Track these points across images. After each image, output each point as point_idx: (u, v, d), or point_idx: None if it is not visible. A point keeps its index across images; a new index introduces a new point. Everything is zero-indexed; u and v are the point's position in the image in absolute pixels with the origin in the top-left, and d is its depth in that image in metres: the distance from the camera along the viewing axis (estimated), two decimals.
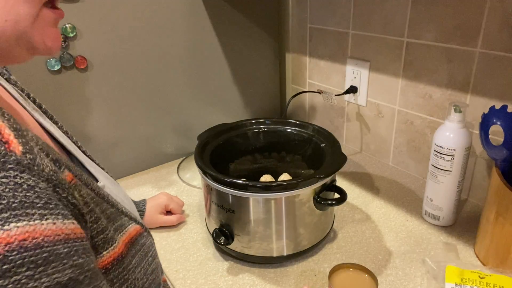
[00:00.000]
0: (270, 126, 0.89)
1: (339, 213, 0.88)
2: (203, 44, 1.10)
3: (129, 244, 0.41)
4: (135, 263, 0.41)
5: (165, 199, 0.86)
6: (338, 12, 1.07)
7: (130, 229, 0.42)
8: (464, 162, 0.76)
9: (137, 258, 0.42)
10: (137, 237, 0.43)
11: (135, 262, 0.41)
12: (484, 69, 0.81)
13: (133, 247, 0.42)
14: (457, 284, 0.64)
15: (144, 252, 0.43)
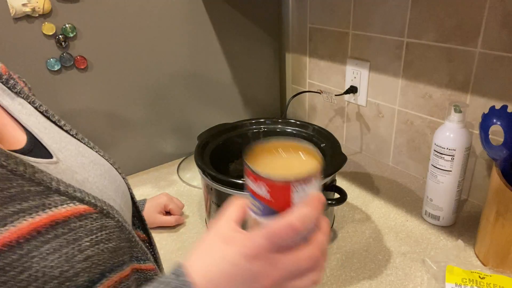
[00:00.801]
0: (270, 126, 0.89)
1: (339, 213, 0.88)
2: (203, 44, 1.10)
3: (45, 226, 0.37)
4: (50, 249, 0.37)
5: (165, 199, 0.86)
6: (338, 12, 1.07)
7: (59, 210, 0.39)
8: (464, 162, 0.76)
9: (57, 243, 0.38)
10: (67, 219, 0.39)
11: (51, 248, 0.37)
12: (484, 69, 0.81)
13: (54, 230, 0.38)
14: (457, 284, 0.64)
15: (76, 236, 0.39)
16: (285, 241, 0.36)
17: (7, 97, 0.46)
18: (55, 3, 0.85)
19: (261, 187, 0.37)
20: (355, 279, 0.70)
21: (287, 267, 0.36)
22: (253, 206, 0.39)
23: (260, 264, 0.36)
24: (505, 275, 0.65)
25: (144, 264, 0.50)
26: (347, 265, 0.74)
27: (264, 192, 0.37)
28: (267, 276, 0.36)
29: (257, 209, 0.38)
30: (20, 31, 0.83)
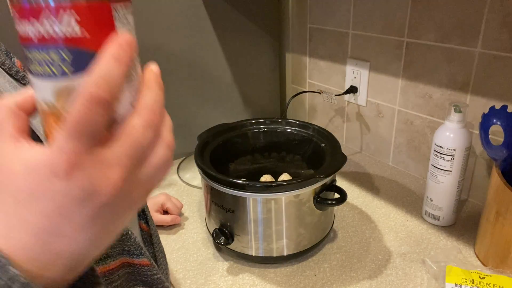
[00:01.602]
0: (270, 126, 0.89)
1: (339, 213, 0.88)
2: (203, 44, 1.10)
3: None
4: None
5: (163, 198, 0.86)
6: (338, 12, 1.07)
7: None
8: (464, 162, 0.76)
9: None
10: None
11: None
12: (484, 69, 0.80)
13: None
14: (457, 284, 0.64)
15: None
16: (97, 123, 0.23)
17: (13, 90, 0.47)
18: None
19: (61, 19, 0.23)
20: (355, 279, 0.70)
21: (120, 158, 0.25)
22: (46, 68, 0.24)
23: (84, 176, 0.24)
24: (505, 275, 0.65)
25: (138, 259, 0.49)
26: (347, 265, 0.74)
27: (67, 24, 0.23)
28: (105, 185, 0.24)
29: (55, 69, 0.24)
30: None
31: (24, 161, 0.24)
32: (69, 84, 0.24)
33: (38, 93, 0.25)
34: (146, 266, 0.50)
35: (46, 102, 0.25)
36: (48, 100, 0.25)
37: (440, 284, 0.66)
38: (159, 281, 0.51)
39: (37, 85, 0.25)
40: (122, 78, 0.24)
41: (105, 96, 0.23)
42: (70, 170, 0.23)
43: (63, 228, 0.25)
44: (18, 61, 0.52)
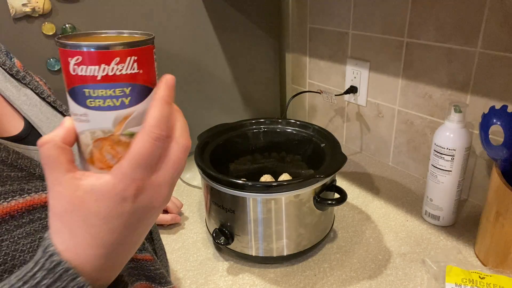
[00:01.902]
0: (270, 126, 0.89)
1: (339, 213, 0.88)
2: (203, 44, 1.09)
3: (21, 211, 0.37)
4: (23, 233, 0.36)
5: None
6: (338, 12, 1.07)
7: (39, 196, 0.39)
8: (464, 162, 0.76)
9: (31, 227, 0.37)
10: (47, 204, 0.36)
11: (23, 232, 0.36)
12: (484, 69, 0.80)
13: (30, 215, 0.37)
14: (457, 285, 0.64)
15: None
16: (157, 155, 0.30)
17: (14, 89, 0.48)
18: (55, 3, 0.85)
19: (126, 62, 0.28)
20: (355, 279, 0.70)
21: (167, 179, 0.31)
22: (108, 102, 0.29)
23: (146, 197, 0.31)
24: (505, 275, 0.65)
25: (140, 254, 0.50)
26: (347, 265, 0.74)
27: (130, 66, 0.29)
28: (159, 201, 0.31)
29: (118, 102, 0.29)
30: (20, 31, 0.83)
31: (90, 189, 0.29)
32: (127, 113, 0.30)
33: (94, 123, 0.30)
34: (149, 261, 0.50)
35: (103, 130, 0.30)
36: (106, 128, 0.30)
37: (440, 284, 0.66)
38: (161, 275, 0.52)
39: (95, 116, 0.29)
40: (171, 114, 0.32)
41: (163, 133, 0.30)
42: (137, 194, 0.30)
43: (126, 238, 0.31)
44: (18, 62, 0.53)
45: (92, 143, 0.30)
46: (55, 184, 0.30)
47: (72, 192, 0.30)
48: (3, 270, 0.35)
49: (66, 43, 0.29)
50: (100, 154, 0.31)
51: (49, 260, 0.30)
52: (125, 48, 0.28)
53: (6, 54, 0.52)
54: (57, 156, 0.30)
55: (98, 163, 0.31)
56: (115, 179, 0.29)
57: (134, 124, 0.31)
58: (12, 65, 0.50)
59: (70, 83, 0.30)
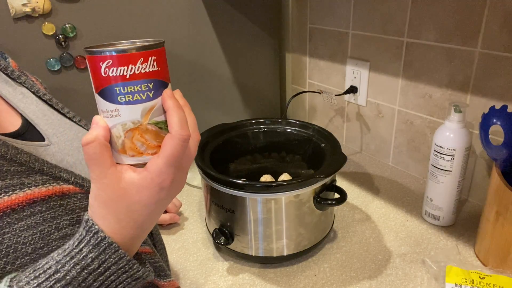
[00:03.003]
0: (270, 126, 0.89)
1: (339, 213, 0.88)
2: (203, 44, 1.10)
3: (21, 204, 0.39)
4: (24, 226, 0.38)
5: None
6: (338, 12, 1.07)
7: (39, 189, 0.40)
8: (464, 162, 0.76)
9: (32, 220, 0.39)
10: (47, 198, 0.41)
11: (25, 225, 0.38)
12: (484, 69, 0.80)
13: (31, 208, 0.39)
14: (458, 285, 0.64)
15: (55, 214, 0.41)
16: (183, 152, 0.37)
17: (10, 88, 0.49)
18: (55, 3, 0.85)
19: (148, 61, 0.34)
20: (355, 279, 0.70)
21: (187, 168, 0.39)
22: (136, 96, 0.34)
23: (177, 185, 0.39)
24: (505, 275, 0.65)
25: (141, 247, 0.51)
26: (347, 265, 0.74)
27: (151, 65, 0.35)
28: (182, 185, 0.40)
29: (144, 96, 0.35)
30: (20, 31, 0.83)
31: (131, 181, 0.36)
32: (152, 104, 0.36)
33: (124, 117, 0.35)
34: (149, 253, 0.52)
35: (133, 121, 0.35)
36: (135, 119, 0.35)
37: (440, 284, 0.66)
38: (161, 268, 0.53)
39: (126, 110, 0.35)
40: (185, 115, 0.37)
41: (187, 133, 0.36)
42: (171, 184, 0.37)
43: (157, 216, 0.39)
44: (13, 62, 0.53)
45: (123, 134, 0.36)
46: (101, 177, 0.35)
47: (116, 184, 0.36)
48: (6, 262, 0.36)
49: (96, 50, 0.34)
50: (131, 143, 0.36)
51: (94, 237, 0.35)
52: (146, 50, 0.34)
53: (1, 55, 0.53)
54: (102, 153, 0.35)
55: (130, 151, 0.36)
56: (153, 174, 0.36)
57: (158, 114, 0.36)
58: (7, 64, 0.51)
59: (101, 84, 0.35)
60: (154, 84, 0.35)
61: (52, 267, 0.35)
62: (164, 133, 0.37)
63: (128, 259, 0.37)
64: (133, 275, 0.38)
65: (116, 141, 0.36)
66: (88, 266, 0.35)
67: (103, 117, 0.36)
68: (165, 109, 0.37)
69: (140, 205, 0.36)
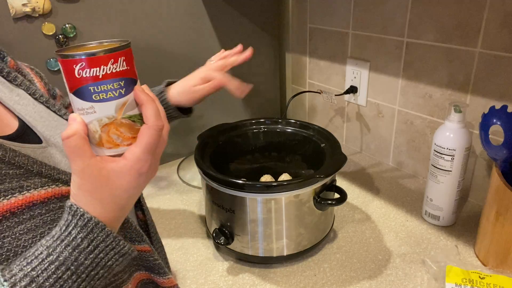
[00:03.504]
0: (270, 126, 0.89)
1: (339, 213, 0.88)
2: (203, 44, 1.09)
3: (21, 207, 0.39)
4: (24, 229, 0.39)
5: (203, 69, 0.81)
6: (338, 12, 1.07)
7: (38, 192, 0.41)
8: (464, 162, 0.76)
9: (32, 223, 0.40)
10: (47, 200, 0.41)
11: (25, 228, 0.39)
12: (484, 69, 0.80)
13: (30, 211, 0.40)
14: (458, 285, 0.64)
15: (54, 217, 0.41)
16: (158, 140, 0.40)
17: (6, 90, 0.49)
18: (55, 3, 0.85)
19: (118, 61, 0.37)
20: (355, 279, 0.70)
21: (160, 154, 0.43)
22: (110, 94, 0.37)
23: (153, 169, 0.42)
24: (505, 275, 0.65)
25: (139, 245, 0.51)
26: (347, 265, 0.74)
27: (121, 64, 0.38)
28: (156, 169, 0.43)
29: (117, 93, 0.38)
30: (20, 31, 0.83)
31: (112, 169, 0.38)
32: (124, 100, 0.38)
33: (100, 113, 0.38)
34: (147, 252, 0.52)
35: (108, 116, 0.38)
36: (110, 115, 0.38)
37: (440, 284, 0.66)
38: (160, 266, 0.53)
39: (100, 107, 0.38)
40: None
41: (162, 123, 0.40)
42: (148, 169, 0.40)
43: (135, 198, 0.42)
44: (12, 61, 0.53)
45: (100, 129, 0.38)
46: (84, 167, 0.38)
47: (99, 172, 0.38)
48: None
49: (69, 54, 0.36)
50: (108, 136, 0.39)
51: (81, 219, 0.38)
52: (115, 52, 0.37)
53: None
54: (82, 145, 0.37)
55: (107, 143, 0.39)
56: (131, 161, 0.39)
57: (130, 109, 0.39)
58: (3, 66, 0.51)
59: (75, 85, 0.37)
60: (125, 82, 0.38)
61: (44, 252, 0.37)
62: (137, 126, 0.40)
63: (114, 236, 0.39)
64: (120, 251, 0.40)
65: (93, 135, 0.39)
66: (79, 246, 0.37)
67: (79, 114, 0.38)
68: (138, 103, 0.40)
69: (122, 190, 0.39)
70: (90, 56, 0.36)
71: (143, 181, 0.41)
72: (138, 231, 0.51)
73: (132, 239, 0.50)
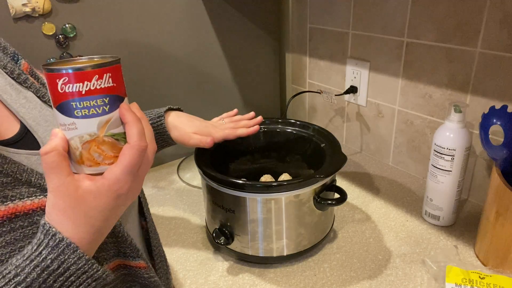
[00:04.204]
0: (270, 126, 0.89)
1: (339, 213, 0.88)
2: (203, 44, 1.10)
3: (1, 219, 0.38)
4: (3, 242, 0.37)
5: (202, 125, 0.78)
6: (338, 12, 1.07)
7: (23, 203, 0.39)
8: (464, 162, 0.76)
9: (11, 236, 0.38)
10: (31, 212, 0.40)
11: (3, 241, 0.37)
12: (484, 69, 0.81)
13: (11, 223, 0.38)
14: (458, 285, 0.64)
15: (36, 231, 0.40)
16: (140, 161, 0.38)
17: (13, 92, 0.48)
18: (55, 3, 0.85)
19: (103, 78, 0.36)
20: (355, 279, 0.70)
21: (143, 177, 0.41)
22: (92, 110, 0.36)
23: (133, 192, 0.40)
24: (505, 275, 0.65)
25: (134, 261, 0.49)
26: (347, 265, 0.74)
27: (106, 81, 0.36)
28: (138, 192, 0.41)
29: (100, 110, 0.36)
30: (20, 31, 0.83)
31: (89, 189, 0.37)
32: (108, 117, 0.37)
33: (81, 130, 0.37)
34: (143, 268, 0.50)
35: (90, 134, 0.37)
36: (91, 132, 0.37)
37: (440, 284, 0.66)
38: (156, 283, 0.51)
39: (82, 123, 0.36)
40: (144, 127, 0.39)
41: (145, 144, 0.38)
42: (127, 191, 0.38)
43: (113, 221, 0.40)
44: (26, 63, 0.52)
45: (81, 146, 0.37)
46: (59, 185, 0.36)
47: (74, 191, 0.36)
48: None
49: (53, 68, 0.35)
50: (88, 154, 0.38)
51: (52, 239, 0.36)
52: (101, 68, 0.36)
53: (12, 57, 0.52)
54: (60, 162, 0.36)
55: (87, 161, 0.38)
56: (110, 181, 0.37)
57: (114, 127, 0.38)
58: (14, 68, 0.50)
59: (58, 100, 0.36)
60: (109, 99, 0.37)
61: (12, 271, 0.35)
62: (120, 144, 0.38)
63: (87, 259, 0.37)
64: (92, 275, 0.38)
65: (74, 152, 0.37)
66: (48, 267, 0.36)
67: (61, 129, 0.37)
68: (123, 122, 0.38)
69: (97, 211, 0.37)
70: (74, 71, 0.35)
71: (121, 203, 0.39)
72: (133, 246, 0.49)
73: (127, 254, 0.49)
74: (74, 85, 0.35)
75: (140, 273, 0.50)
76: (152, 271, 0.52)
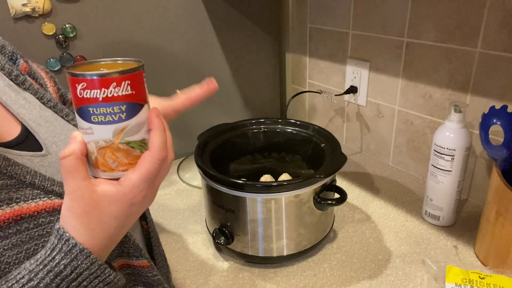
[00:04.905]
0: (270, 126, 0.89)
1: (339, 213, 0.88)
2: (203, 44, 1.10)
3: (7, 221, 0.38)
4: (9, 244, 0.37)
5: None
6: (338, 12, 1.07)
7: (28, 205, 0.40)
8: (464, 162, 0.76)
9: (18, 238, 0.38)
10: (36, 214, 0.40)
11: (9, 243, 0.38)
12: (484, 69, 0.80)
13: (17, 225, 0.38)
14: (457, 284, 0.64)
15: (43, 232, 0.40)
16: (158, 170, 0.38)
17: (13, 93, 0.47)
18: (55, 3, 0.85)
19: (121, 85, 0.36)
20: (355, 279, 0.70)
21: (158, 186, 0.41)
22: (109, 117, 0.36)
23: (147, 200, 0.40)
24: (505, 275, 0.65)
25: (137, 261, 0.50)
26: (347, 265, 0.74)
27: (125, 89, 0.36)
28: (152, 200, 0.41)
29: (116, 117, 0.36)
30: (20, 31, 0.83)
31: (104, 195, 0.37)
32: (124, 125, 0.37)
33: (97, 135, 0.37)
34: (146, 267, 0.50)
35: (105, 140, 0.37)
36: (107, 138, 0.37)
37: (440, 284, 0.66)
38: (159, 282, 0.52)
39: (98, 129, 0.37)
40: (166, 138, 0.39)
41: (165, 154, 0.38)
42: (142, 200, 0.38)
43: (126, 228, 0.40)
44: (24, 64, 0.52)
45: (96, 151, 0.37)
46: (75, 189, 0.36)
47: (89, 196, 0.36)
48: None
49: (74, 72, 0.35)
50: (103, 159, 0.38)
51: (66, 244, 0.36)
52: (120, 75, 0.35)
53: (11, 57, 0.52)
54: (78, 166, 0.36)
55: (102, 166, 0.38)
56: (126, 188, 0.37)
57: (130, 134, 0.38)
58: (12, 69, 0.49)
59: (78, 103, 0.37)
60: (127, 107, 0.36)
61: (25, 276, 0.35)
62: (135, 152, 0.38)
63: (99, 264, 0.38)
64: (105, 279, 0.38)
65: (90, 156, 0.38)
66: (61, 273, 0.36)
67: (81, 132, 0.38)
68: (150, 127, 0.38)
69: (111, 217, 0.37)
70: (92, 78, 0.35)
71: (135, 211, 0.39)
72: (136, 246, 0.49)
73: (130, 254, 0.49)
74: (92, 91, 0.35)
75: (143, 272, 0.51)
76: (155, 270, 0.52)
